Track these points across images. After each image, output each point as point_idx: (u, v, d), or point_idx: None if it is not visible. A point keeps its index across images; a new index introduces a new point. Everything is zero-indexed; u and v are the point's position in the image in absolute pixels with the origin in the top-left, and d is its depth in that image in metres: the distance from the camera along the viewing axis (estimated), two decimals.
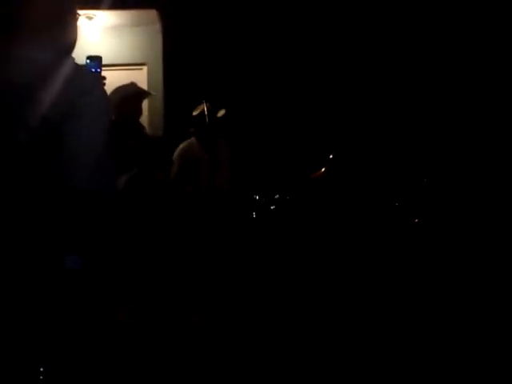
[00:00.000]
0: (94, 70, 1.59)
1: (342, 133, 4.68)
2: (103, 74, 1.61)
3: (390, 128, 4.66)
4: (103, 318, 1.49)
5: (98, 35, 5.41)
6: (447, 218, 3.65)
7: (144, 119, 5.16)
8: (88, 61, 1.60)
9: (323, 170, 4.06)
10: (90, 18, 5.17)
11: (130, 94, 3.75)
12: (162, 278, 3.43)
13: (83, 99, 1.37)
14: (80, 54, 1.58)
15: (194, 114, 4.08)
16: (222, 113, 4.05)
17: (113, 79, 4.25)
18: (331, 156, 4.09)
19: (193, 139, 4.10)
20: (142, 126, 3.99)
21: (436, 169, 3.95)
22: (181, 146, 4.10)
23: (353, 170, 4.10)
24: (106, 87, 1.59)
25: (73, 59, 1.47)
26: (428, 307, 3.16)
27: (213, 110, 4.00)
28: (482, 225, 3.63)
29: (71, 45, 1.49)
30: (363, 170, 4.10)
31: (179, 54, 5.25)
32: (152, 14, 5.25)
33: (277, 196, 3.87)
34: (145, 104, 5.07)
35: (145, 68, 5.66)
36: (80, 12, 4.93)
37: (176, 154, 4.07)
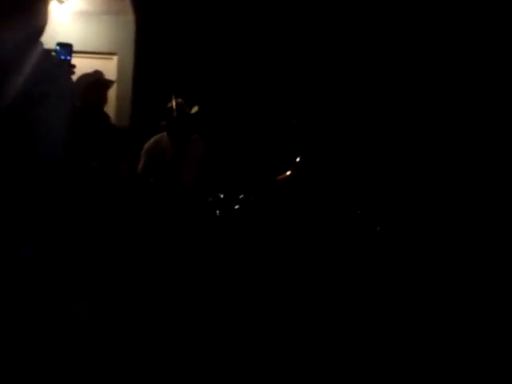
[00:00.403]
0: (63, 57, 1.56)
1: (309, 137, 4.71)
2: (73, 61, 1.58)
3: (356, 135, 4.72)
4: (57, 308, 1.47)
5: (68, 20, 5.29)
6: (408, 227, 3.72)
7: (112, 109, 5.09)
8: (58, 47, 1.56)
9: (288, 172, 4.08)
10: (60, 2, 5.05)
11: (94, 83, 3.71)
12: (120, 272, 3.38)
13: (49, 86, 1.35)
14: (49, 38, 1.54)
15: (168, 106, 4.03)
16: (195, 109, 4.01)
17: (82, 67, 4.17)
18: (297, 159, 4.12)
19: (164, 134, 4.06)
20: (107, 116, 3.93)
21: (400, 178, 4.02)
22: (151, 139, 4.06)
23: (318, 175, 4.14)
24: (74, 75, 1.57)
25: (41, 45, 1.43)
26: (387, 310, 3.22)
27: (183, 106, 3.96)
28: (443, 232, 3.72)
29: (40, 29, 1.44)
30: (328, 175, 4.14)
31: (150, 45, 5.19)
32: (124, 4, 5.16)
33: (242, 196, 3.87)
34: (113, 94, 5.01)
35: (115, 58, 5.57)
36: None
37: (145, 146, 4.03)
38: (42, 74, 1.35)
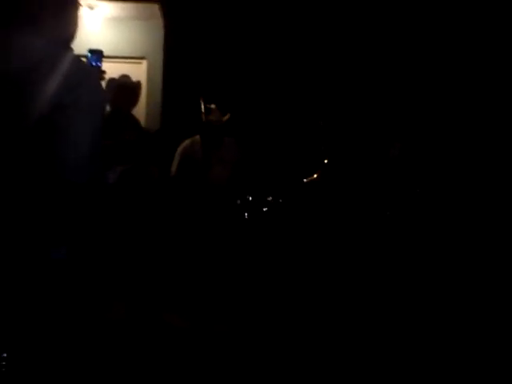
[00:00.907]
0: (94, 63, 1.58)
1: (336, 138, 4.68)
2: (103, 67, 1.60)
3: (385, 136, 4.67)
4: (92, 312, 1.48)
5: (99, 26, 5.39)
6: (438, 230, 3.66)
7: (142, 113, 5.16)
8: (89, 54, 1.59)
9: (316, 175, 4.05)
10: (91, 8, 5.14)
11: (121, 87, 3.77)
12: (153, 276, 3.41)
13: (78, 91, 1.35)
14: (80, 44, 1.56)
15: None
16: (226, 117, 4.03)
17: (112, 71, 4.24)
18: (325, 161, 4.09)
19: (197, 137, 4.08)
20: (136, 120, 3.98)
21: (429, 180, 3.95)
22: (185, 141, 4.09)
23: (346, 176, 4.10)
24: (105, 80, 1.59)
25: (72, 51, 1.45)
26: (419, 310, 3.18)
27: (211, 110, 3.98)
28: (474, 233, 3.65)
29: (71, 35, 1.46)
30: (356, 177, 4.10)
31: (180, 49, 5.24)
32: (154, 9, 5.22)
33: (270, 198, 3.86)
34: (143, 98, 5.08)
35: (144, 62, 5.64)
36: (82, 1, 4.90)
37: (178, 149, 4.07)
38: (72, 82, 1.35)
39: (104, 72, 1.61)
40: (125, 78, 3.89)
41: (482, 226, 3.71)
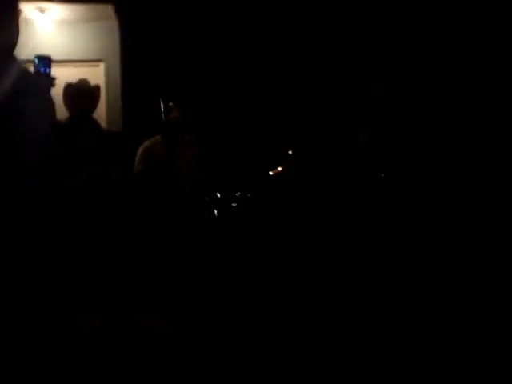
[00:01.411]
0: (43, 69, 1.54)
1: (300, 129, 4.71)
2: (54, 72, 1.56)
3: (347, 124, 4.72)
4: (63, 316, 1.47)
5: (51, 29, 5.27)
6: (403, 216, 3.72)
7: (102, 116, 5.07)
8: (37, 60, 1.54)
9: (282, 166, 4.07)
10: (42, 11, 5.02)
11: (79, 91, 3.71)
12: (121, 278, 3.37)
13: (27, 102, 1.34)
14: (32, 49, 1.53)
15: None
16: (176, 111, 4.01)
17: (68, 76, 4.17)
18: (290, 152, 4.11)
19: (157, 137, 4.06)
20: (97, 124, 3.93)
21: (394, 165, 4.01)
22: (145, 142, 4.06)
23: (312, 166, 4.13)
24: (58, 85, 1.56)
25: (16, 60, 1.41)
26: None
27: (171, 109, 3.96)
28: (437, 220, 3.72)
29: (8, 44, 1.41)
30: (322, 166, 4.14)
31: (137, 50, 5.17)
32: (108, 10, 5.14)
33: (238, 193, 3.86)
34: (102, 101, 5.00)
35: (101, 64, 5.54)
36: (32, 4, 4.75)
37: (139, 150, 4.03)
38: (19, 91, 1.33)
39: (54, 78, 1.57)
40: (83, 83, 3.82)
41: (443, 212, 3.79)
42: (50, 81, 1.55)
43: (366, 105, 3.98)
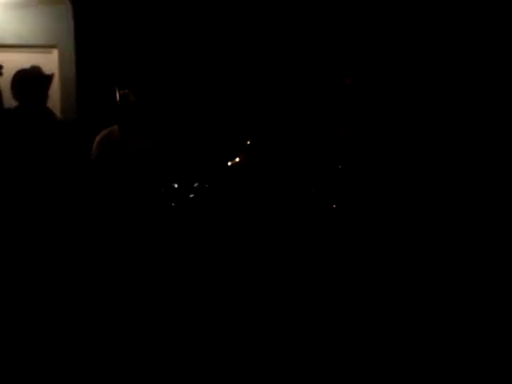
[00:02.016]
0: None
1: (258, 119, 4.71)
2: (3, 58, 1.51)
3: (307, 114, 4.76)
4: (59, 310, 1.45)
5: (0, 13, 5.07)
6: (362, 204, 3.79)
7: (56, 105, 4.93)
8: None
9: (240, 157, 4.07)
10: None
11: (32, 79, 3.60)
12: (75, 268, 3.32)
13: None
14: None
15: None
16: (132, 98, 3.97)
17: (20, 62, 4.03)
18: (248, 143, 4.12)
19: (115, 126, 4.00)
20: (51, 112, 3.83)
21: (351, 155, 4.08)
22: (103, 131, 4.00)
23: (269, 156, 4.15)
24: (6, 73, 1.51)
25: None
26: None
27: (127, 96, 3.91)
28: (396, 211, 3.80)
29: None
30: (279, 156, 4.16)
31: (91, 36, 5.05)
32: None
33: (196, 184, 3.84)
34: (56, 88, 4.85)
35: (55, 51, 5.37)
36: None
37: (96, 139, 3.99)
38: None
39: (1, 67, 1.53)
40: (34, 69, 3.70)
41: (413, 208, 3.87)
42: None
43: (340, 97, 4.00)
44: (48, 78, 3.76)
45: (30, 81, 3.58)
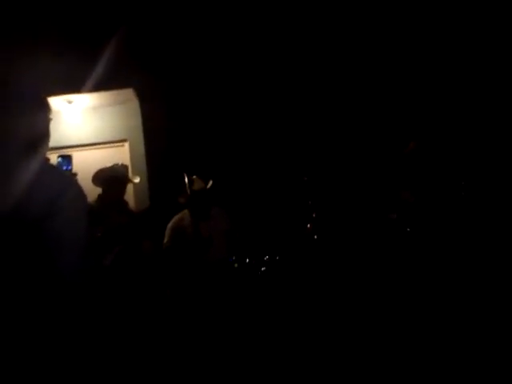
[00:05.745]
0: (65, 167, 1.70)
1: (320, 191, 4.74)
2: (86, 154, 1.68)
3: (371, 179, 4.75)
4: None
5: (79, 117, 5.53)
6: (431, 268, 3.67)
7: (130, 194, 5.21)
8: (60, 159, 1.70)
9: (307, 229, 4.09)
10: (69, 102, 5.30)
11: (112, 178, 3.85)
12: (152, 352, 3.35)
13: (62, 199, 1.38)
14: (62, 137, 1.64)
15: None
16: (209, 184, 4.11)
17: (96, 157, 4.34)
18: (313, 215, 4.14)
19: (185, 211, 4.14)
20: (125, 203, 4.04)
21: (420, 218, 3.99)
22: (174, 217, 4.14)
23: (336, 226, 4.14)
24: (85, 168, 1.67)
25: (43, 158, 1.46)
26: None
27: (194, 182, 4.06)
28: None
29: (37, 138, 1.44)
30: (346, 223, 4.14)
31: (158, 127, 5.37)
32: (129, 93, 5.40)
33: (266, 257, 3.87)
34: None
35: (126, 144, 5.75)
36: (60, 97, 4.99)
37: (168, 225, 4.12)
38: (51, 189, 1.39)
39: (75, 174, 1.71)
40: (114, 168, 3.96)
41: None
42: (73, 176, 1.67)
43: (404, 161, 3.99)
44: (124, 176, 3.99)
45: (108, 179, 3.84)
